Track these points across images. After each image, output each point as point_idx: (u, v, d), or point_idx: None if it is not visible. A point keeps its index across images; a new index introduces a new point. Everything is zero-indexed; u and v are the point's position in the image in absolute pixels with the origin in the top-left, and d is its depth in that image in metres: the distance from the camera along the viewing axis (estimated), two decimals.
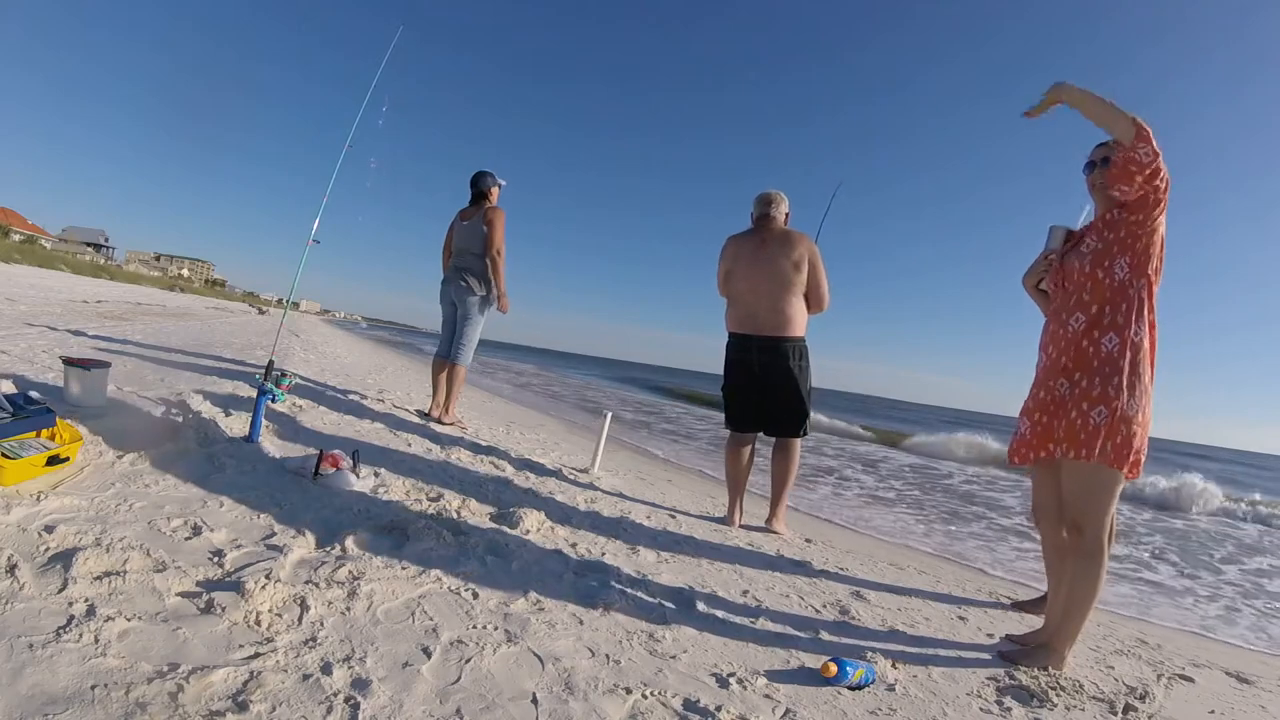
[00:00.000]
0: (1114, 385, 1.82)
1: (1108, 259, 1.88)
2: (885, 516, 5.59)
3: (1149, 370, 1.85)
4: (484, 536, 2.07)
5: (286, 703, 1.07)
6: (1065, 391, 1.91)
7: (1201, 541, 6.40)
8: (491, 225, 4.18)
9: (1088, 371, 1.87)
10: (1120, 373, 1.82)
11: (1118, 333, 1.85)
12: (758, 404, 3.21)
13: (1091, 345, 1.88)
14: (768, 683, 1.49)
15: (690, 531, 2.87)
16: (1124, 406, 1.80)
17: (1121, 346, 1.84)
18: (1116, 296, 1.87)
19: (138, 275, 52.87)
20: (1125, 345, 1.84)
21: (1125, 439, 1.80)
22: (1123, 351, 1.83)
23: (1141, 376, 1.83)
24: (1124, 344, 1.84)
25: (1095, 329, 1.88)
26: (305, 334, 13.47)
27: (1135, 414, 1.81)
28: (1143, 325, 1.85)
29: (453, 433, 4.06)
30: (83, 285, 19.72)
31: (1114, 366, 1.83)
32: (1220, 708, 1.85)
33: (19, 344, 4.09)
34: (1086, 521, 1.85)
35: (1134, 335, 1.84)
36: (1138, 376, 1.83)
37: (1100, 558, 1.84)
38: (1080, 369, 1.89)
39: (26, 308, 7.40)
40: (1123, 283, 1.86)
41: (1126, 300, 1.86)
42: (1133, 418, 1.81)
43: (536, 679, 1.31)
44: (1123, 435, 1.80)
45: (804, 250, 3.12)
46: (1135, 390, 1.82)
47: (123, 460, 2.06)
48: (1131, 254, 1.86)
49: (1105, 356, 1.85)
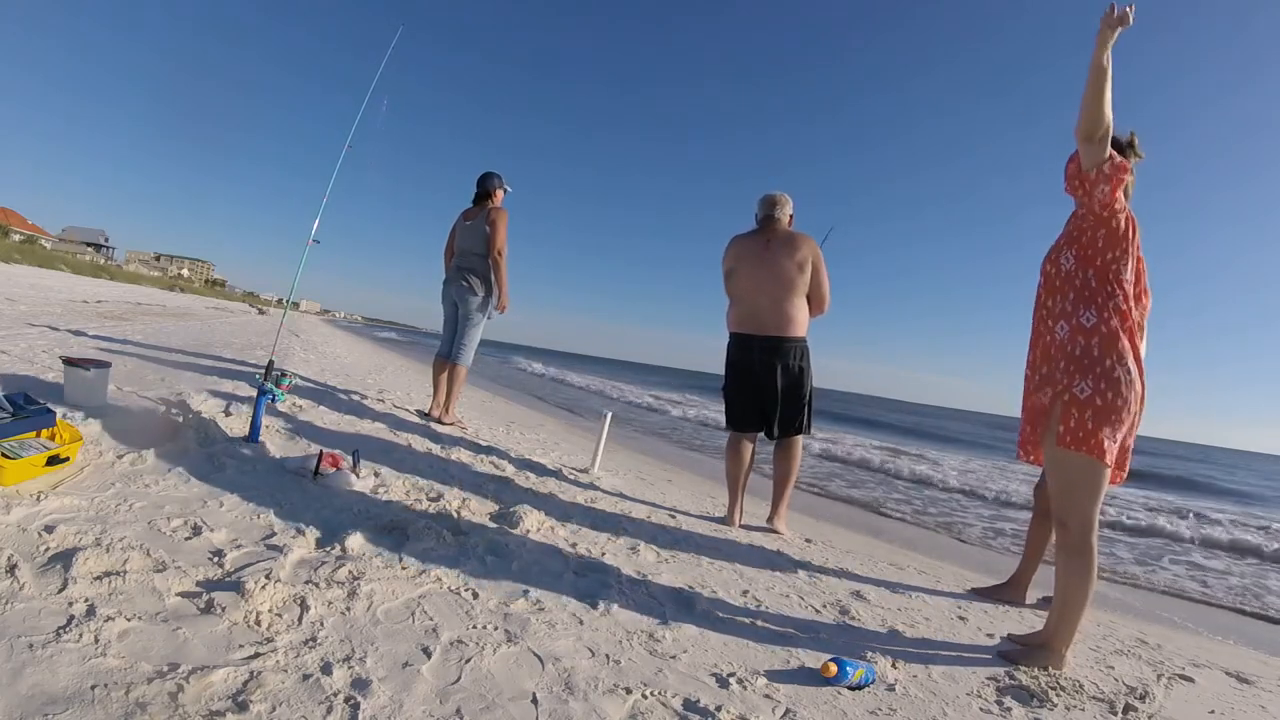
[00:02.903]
0: (1062, 370, 1.87)
1: (1055, 252, 2.00)
2: (885, 516, 5.59)
3: (1111, 357, 1.82)
4: (484, 536, 2.07)
5: (286, 703, 1.07)
6: (1036, 384, 1.99)
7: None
8: (494, 226, 4.19)
9: (1045, 359, 1.96)
10: (1069, 358, 1.86)
11: (1066, 320, 1.91)
12: (759, 404, 3.21)
13: (1048, 334, 1.97)
14: (768, 683, 1.49)
15: (690, 531, 2.87)
16: (1074, 390, 1.82)
17: (1071, 333, 1.89)
18: (1065, 287, 1.94)
19: (138, 275, 52.87)
20: (1074, 331, 1.88)
21: (1079, 422, 1.80)
22: (1072, 337, 1.88)
23: (1098, 362, 1.82)
24: (1073, 330, 1.88)
25: (1050, 318, 1.97)
26: (305, 334, 13.47)
27: (1090, 397, 1.80)
28: (1093, 311, 1.87)
29: (453, 432, 4.06)
30: (83, 285, 19.72)
31: (1062, 352, 1.89)
32: (1220, 708, 1.85)
33: (19, 344, 4.09)
34: (1069, 515, 1.86)
35: (1083, 321, 1.87)
36: (1090, 359, 1.83)
37: (1087, 554, 1.84)
38: (1040, 358, 1.98)
39: (26, 308, 7.40)
40: (1069, 273, 1.94)
41: (1074, 289, 1.92)
42: (1085, 402, 1.80)
43: (536, 679, 1.31)
44: (1075, 419, 1.81)
45: (807, 252, 3.14)
46: (1087, 374, 1.82)
47: (123, 460, 2.07)
48: (1078, 246, 1.94)
49: (1058, 344, 1.91)
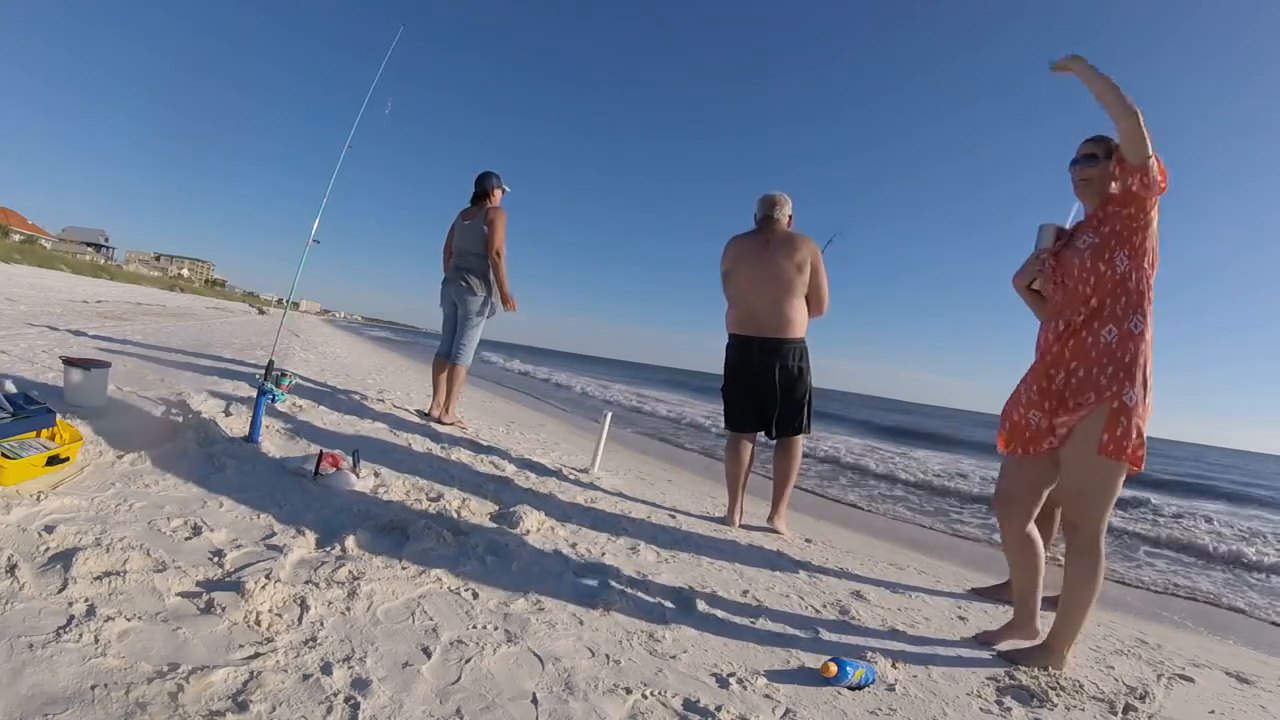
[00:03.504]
0: (1110, 376, 1.81)
1: (1107, 252, 1.88)
2: (886, 516, 5.59)
3: (1149, 363, 1.84)
4: (484, 536, 2.07)
5: (286, 703, 1.07)
6: (1063, 384, 1.90)
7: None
8: (492, 225, 4.18)
9: (1086, 363, 1.86)
10: (1119, 364, 1.81)
11: (1116, 325, 1.84)
12: (758, 404, 3.21)
13: (1091, 336, 1.87)
14: (768, 683, 1.49)
15: (690, 531, 2.87)
16: (1123, 398, 1.79)
17: (1120, 339, 1.83)
18: (1117, 290, 1.86)
19: (138, 275, 52.87)
20: (1124, 337, 1.83)
21: (1125, 431, 1.79)
22: (1122, 344, 1.82)
23: (1141, 368, 1.82)
24: (1122, 336, 1.83)
25: (1095, 321, 1.88)
26: (305, 334, 13.48)
27: (1135, 405, 1.80)
28: (1141, 318, 1.84)
29: (453, 432, 4.06)
30: (83, 285, 19.72)
31: (1111, 358, 1.82)
32: (1220, 708, 1.85)
33: (19, 344, 4.09)
34: (1084, 519, 1.85)
35: (1132, 327, 1.83)
36: (1137, 368, 1.81)
37: (1098, 556, 1.83)
38: (1079, 360, 1.88)
39: (26, 308, 7.40)
40: (1123, 275, 1.86)
41: (1126, 293, 1.85)
42: (1132, 410, 1.80)
43: (536, 679, 1.31)
44: (1122, 428, 1.79)
45: (807, 253, 3.13)
46: (1134, 382, 1.81)
47: (123, 460, 2.06)
48: (1129, 247, 1.86)
49: (1104, 348, 1.84)
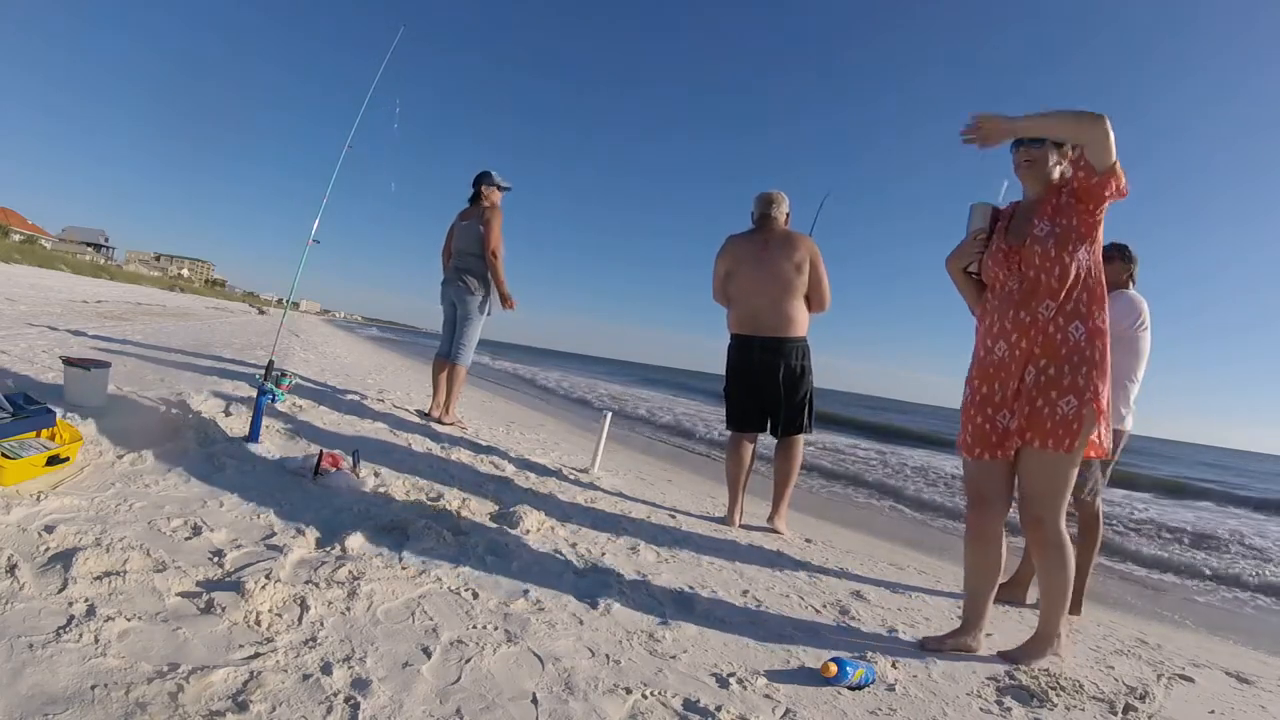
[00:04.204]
0: (1083, 374, 1.81)
1: (1071, 245, 1.84)
2: (886, 516, 5.59)
3: (1109, 358, 1.86)
4: (484, 536, 2.07)
5: (286, 703, 1.07)
6: (1032, 381, 1.86)
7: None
8: (489, 225, 4.19)
9: (1056, 360, 1.83)
10: (1089, 362, 1.81)
11: (1082, 321, 1.83)
12: (759, 404, 3.21)
13: (1060, 333, 1.84)
14: (768, 683, 1.49)
15: (690, 531, 2.87)
16: (1093, 395, 1.81)
17: (1089, 335, 1.83)
18: (1080, 285, 1.85)
19: (138, 275, 52.87)
20: (1091, 334, 1.83)
21: (1099, 431, 1.82)
22: (1090, 340, 1.82)
23: (1106, 364, 1.84)
24: (1090, 333, 1.83)
25: (1061, 316, 1.84)
26: (305, 334, 13.48)
27: (1107, 403, 1.83)
28: (1101, 312, 1.85)
29: (453, 432, 4.06)
30: (83, 285, 19.72)
31: (1082, 356, 1.81)
32: (1220, 708, 1.85)
33: (19, 344, 4.09)
34: (1048, 513, 1.85)
35: (1098, 322, 1.84)
36: (1105, 364, 1.83)
37: (1065, 545, 1.86)
38: (1049, 358, 1.84)
39: (26, 308, 7.40)
40: (1086, 270, 1.85)
41: (1088, 289, 1.85)
42: (1108, 409, 1.83)
43: (536, 679, 1.31)
44: (1101, 428, 1.82)
45: (806, 252, 3.13)
46: (1103, 379, 1.82)
47: (123, 460, 2.07)
48: (1090, 242, 1.86)
49: (1074, 345, 1.82)
